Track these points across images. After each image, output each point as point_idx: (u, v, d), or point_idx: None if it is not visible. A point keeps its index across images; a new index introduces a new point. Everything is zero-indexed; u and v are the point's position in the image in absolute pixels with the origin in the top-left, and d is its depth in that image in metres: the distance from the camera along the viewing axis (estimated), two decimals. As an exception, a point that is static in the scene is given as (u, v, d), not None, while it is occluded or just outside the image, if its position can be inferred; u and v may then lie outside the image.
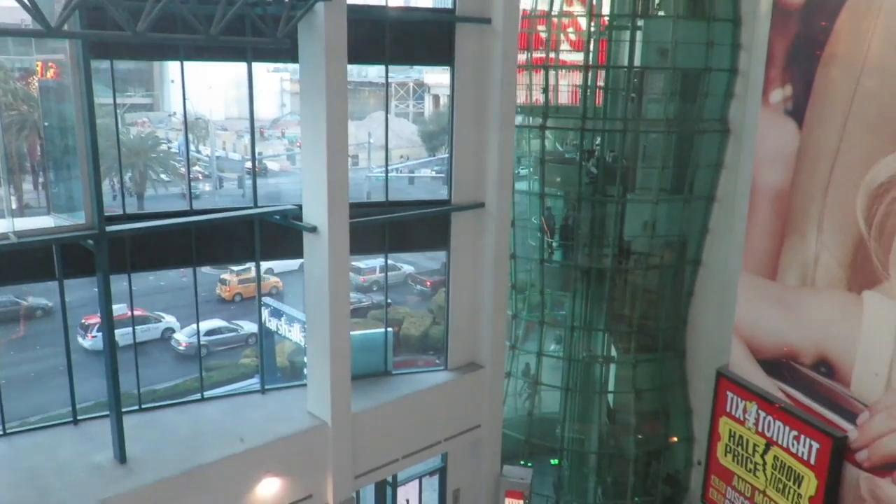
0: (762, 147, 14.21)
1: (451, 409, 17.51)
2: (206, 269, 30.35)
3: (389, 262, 31.49)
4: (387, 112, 17.76)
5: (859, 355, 12.07)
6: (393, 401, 16.51)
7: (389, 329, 17.79)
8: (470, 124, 16.70)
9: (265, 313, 18.17)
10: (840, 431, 12.42)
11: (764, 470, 13.88)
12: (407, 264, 32.21)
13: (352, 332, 15.92)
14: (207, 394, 16.27)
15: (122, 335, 25.00)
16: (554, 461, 19.86)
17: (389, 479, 17.82)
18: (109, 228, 12.79)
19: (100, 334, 23.67)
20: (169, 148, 37.21)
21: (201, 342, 18.13)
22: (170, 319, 25.14)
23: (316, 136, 13.87)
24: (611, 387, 19.51)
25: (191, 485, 13.30)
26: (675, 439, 19.69)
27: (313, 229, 14.36)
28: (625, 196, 18.30)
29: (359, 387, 16.30)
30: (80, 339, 23.11)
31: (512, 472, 19.03)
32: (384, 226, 16.44)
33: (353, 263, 17.96)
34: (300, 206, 14.95)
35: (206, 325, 24.72)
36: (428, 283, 31.41)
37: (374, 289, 30.92)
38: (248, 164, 22.09)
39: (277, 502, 14.67)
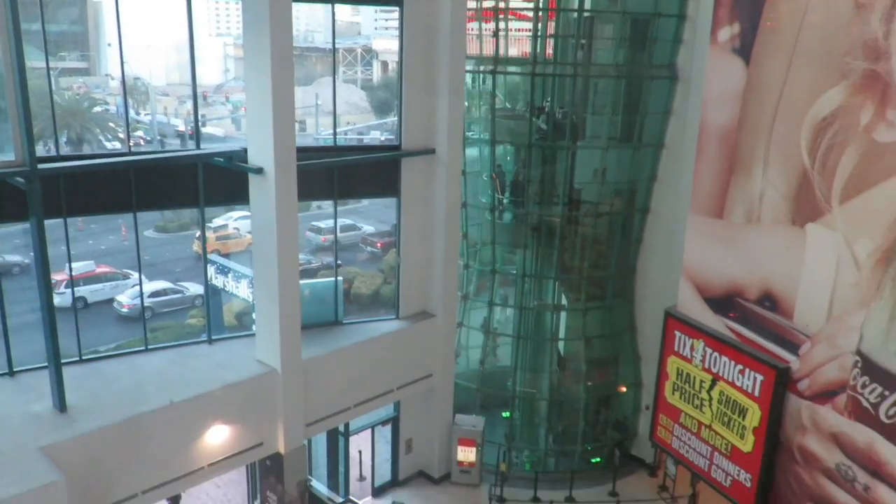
0: (710, 87, 14.33)
1: (402, 358, 17.43)
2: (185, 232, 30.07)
3: (349, 222, 31.48)
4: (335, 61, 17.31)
5: (802, 288, 12.35)
6: (344, 348, 16.33)
7: (340, 278, 17.55)
8: (420, 69, 16.41)
9: (211, 270, 17.72)
10: (783, 363, 12.74)
11: (710, 405, 14.19)
12: (368, 225, 32.07)
13: (301, 282, 15.64)
14: (152, 345, 15.82)
15: (92, 292, 24.68)
16: (505, 413, 19.96)
17: (341, 428, 17.73)
18: (41, 166, 12.20)
19: (67, 291, 23.59)
20: (106, 110, 35.94)
21: (145, 304, 17.47)
22: (136, 276, 24.93)
23: (260, 71, 13.40)
24: (561, 334, 19.65)
25: (135, 432, 12.94)
26: (624, 389, 20.00)
27: (259, 170, 13.96)
28: (575, 144, 18.29)
29: (309, 336, 16.06)
30: None
31: (464, 421, 19.13)
32: (333, 171, 16.11)
33: (314, 223, 17.68)
34: (246, 151, 14.52)
35: (150, 286, 24.18)
36: (379, 245, 31.27)
37: (361, 246, 30.71)
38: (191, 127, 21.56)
39: (227, 450, 14.41)
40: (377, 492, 18.56)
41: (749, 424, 13.31)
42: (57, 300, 22.38)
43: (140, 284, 17.62)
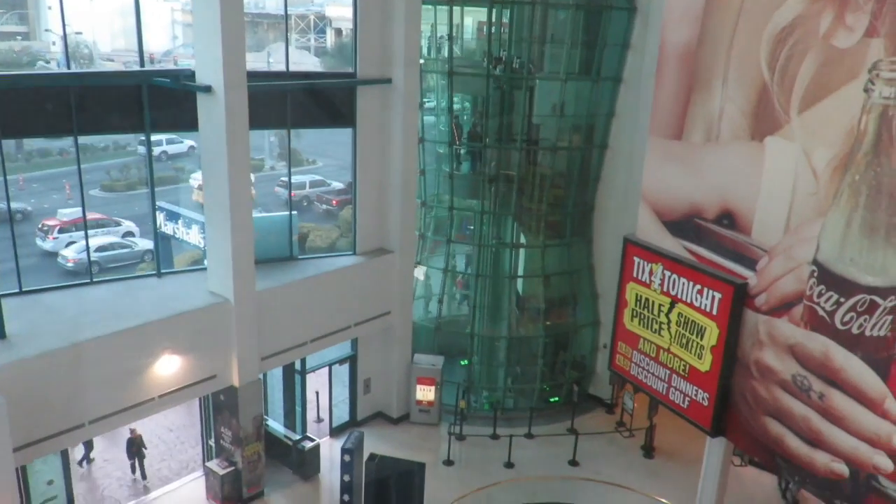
0: (671, 5, 14.15)
1: (360, 294, 17.12)
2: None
3: (318, 177, 30.95)
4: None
5: (760, 203, 12.34)
6: (299, 281, 15.96)
7: (294, 212, 17.08)
8: (376, -2, 15.95)
9: (160, 218, 17.06)
10: (740, 279, 12.76)
11: (668, 328, 14.20)
12: (337, 182, 31.56)
13: (255, 215, 15.15)
14: (97, 278, 15.20)
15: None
16: (464, 361, 19.80)
17: (298, 366, 17.39)
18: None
19: (60, 236, 22.81)
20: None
21: (91, 259, 16.65)
22: (129, 224, 24.69)
23: (207, -17, 12.80)
24: (520, 272, 19.54)
25: (80, 359, 12.43)
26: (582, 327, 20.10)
27: (207, 89, 13.39)
28: (533, 78, 18.06)
29: (263, 270, 15.66)
30: (39, 242, 23.10)
31: (423, 360, 18.97)
32: (286, 98, 15.57)
33: (282, 179, 17.13)
34: (194, 73, 13.91)
35: (96, 241, 23.34)
36: (335, 202, 30.86)
37: (305, 204, 30.16)
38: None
39: (179, 381, 13.98)
40: (335, 432, 18.32)
41: (707, 344, 13.36)
42: (49, 246, 22.80)
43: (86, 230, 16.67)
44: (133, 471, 16.28)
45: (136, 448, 16.14)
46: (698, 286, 13.52)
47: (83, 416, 12.66)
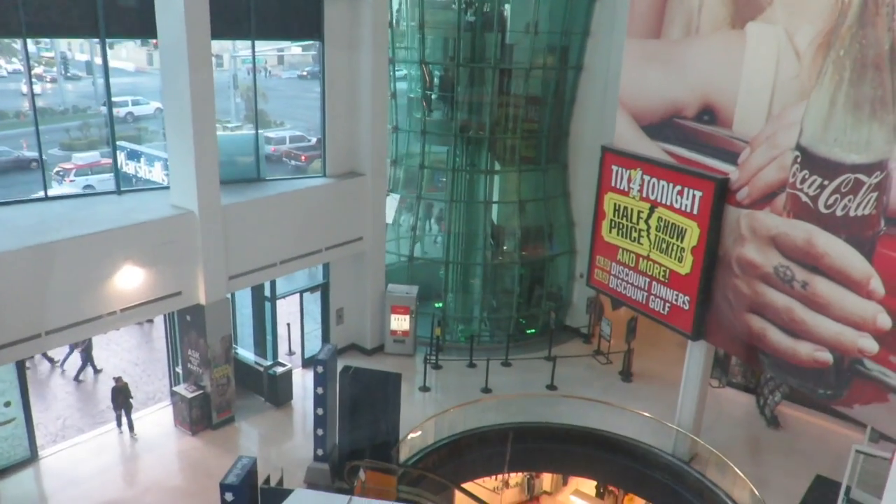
0: None
1: (330, 216, 16.58)
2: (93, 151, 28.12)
3: (299, 133, 30.11)
4: None
5: (741, 92, 12.07)
6: (267, 197, 15.38)
7: (261, 132, 16.42)
8: None
9: (121, 158, 16.28)
10: (721, 175, 12.51)
11: (647, 235, 13.94)
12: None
13: (219, 134, 14.48)
14: (52, 192, 14.47)
15: (100, 181, 22.83)
16: (438, 304, 19.32)
17: (268, 292, 16.85)
18: None
19: (77, 179, 22.88)
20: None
21: None
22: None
23: None
24: (495, 197, 19.13)
25: (36, 264, 11.77)
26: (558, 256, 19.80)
27: (166, -15, 12.67)
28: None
29: (229, 190, 15.01)
30: (56, 185, 22.45)
31: (397, 289, 18.52)
32: (249, 6, 14.87)
33: (262, 132, 16.51)
34: (151, -28, 13.16)
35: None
36: (303, 158, 30.16)
37: (274, 160, 29.43)
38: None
39: (142, 296, 13.36)
40: (307, 364, 17.81)
41: (687, 245, 13.11)
42: (69, 189, 21.87)
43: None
44: (119, 423, 14.68)
45: (122, 398, 14.53)
46: (678, 187, 13.25)
47: (40, 326, 12.00)
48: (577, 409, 16.20)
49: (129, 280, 13.04)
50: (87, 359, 17.79)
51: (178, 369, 15.63)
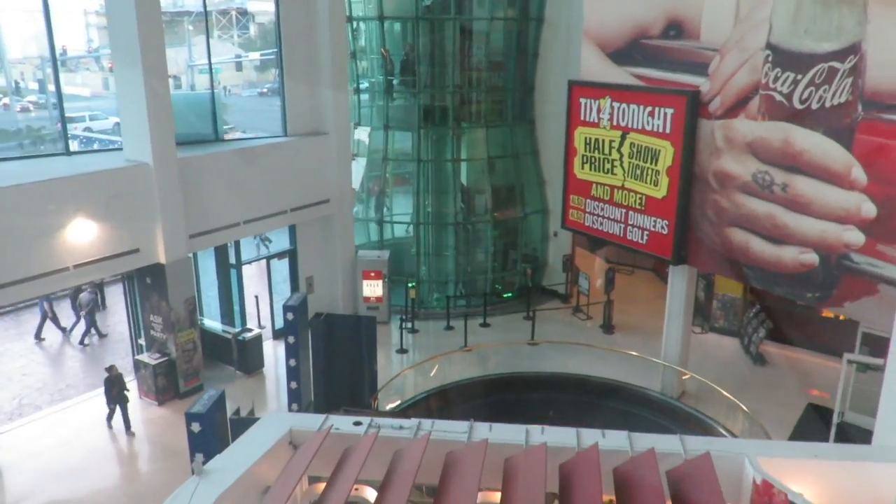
0: None
1: (294, 176, 15.99)
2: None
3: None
4: None
5: (708, 1, 11.86)
6: (226, 152, 14.81)
7: (218, 90, 15.83)
8: None
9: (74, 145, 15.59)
10: (692, 88, 12.23)
11: (621, 163, 13.59)
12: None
13: (173, 93, 13.89)
14: (-3, 155, 13.72)
15: None
16: (410, 283, 18.62)
17: (233, 258, 16.17)
18: None
19: None
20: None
21: None
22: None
23: None
24: (463, 156, 18.69)
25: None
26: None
27: (106, -82, 12.12)
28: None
29: (186, 150, 14.36)
30: None
31: (368, 254, 17.95)
32: (199, -45, 14.40)
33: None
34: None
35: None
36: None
37: None
38: None
39: (97, 251, 12.61)
40: (278, 335, 17.09)
41: (662, 167, 12.78)
42: None
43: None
44: (110, 419, 12.89)
45: (116, 390, 12.71)
46: (648, 108, 12.95)
47: (-15, 279, 11.24)
48: (559, 360, 15.75)
49: (82, 234, 12.31)
50: (91, 322, 17.25)
51: (142, 341, 14.84)
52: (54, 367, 16.16)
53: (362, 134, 18.86)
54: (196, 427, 8.89)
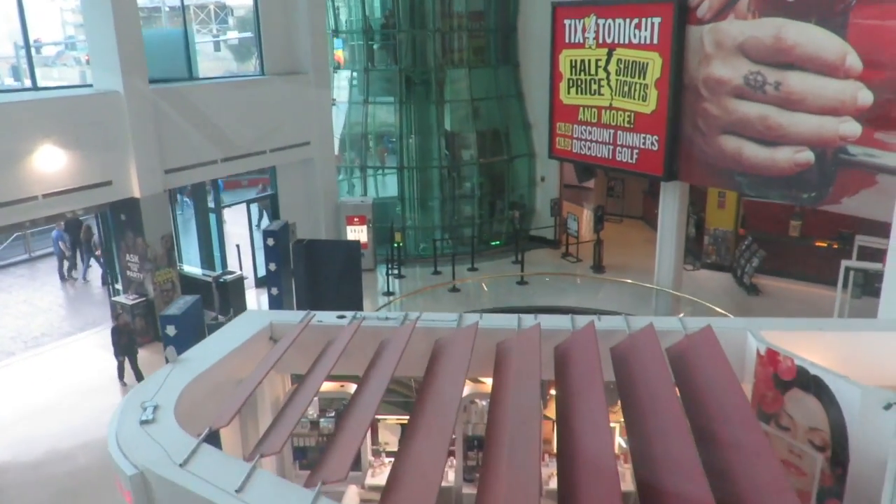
0: None
1: (273, 116, 15.53)
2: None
3: None
4: None
5: None
6: (201, 86, 14.31)
7: (192, 28, 15.33)
8: None
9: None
10: (680, -6, 11.91)
11: (608, 82, 13.25)
12: None
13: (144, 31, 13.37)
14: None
15: None
16: (396, 228, 18.21)
17: (212, 202, 15.70)
18: None
19: None
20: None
21: None
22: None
23: None
24: (447, 97, 18.25)
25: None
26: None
27: None
28: None
29: (159, 85, 13.85)
30: None
31: (351, 199, 17.52)
32: None
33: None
34: None
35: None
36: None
37: None
38: None
39: (67, 181, 12.10)
40: (260, 283, 16.63)
41: (651, 80, 12.45)
42: None
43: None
44: (121, 374, 11.92)
45: (125, 339, 11.77)
46: (635, 21, 12.60)
47: (-54, 205, 10.72)
48: (550, 297, 15.40)
49: (50, 162, 11.80)
50: (90, 256, 17.48)
51: (119, 286, 14.33)
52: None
53: (343, 80, 18.41)
54: (171, 330, 8.44)
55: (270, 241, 11.89)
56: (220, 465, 5.32)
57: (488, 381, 6.94)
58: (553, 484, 8.38)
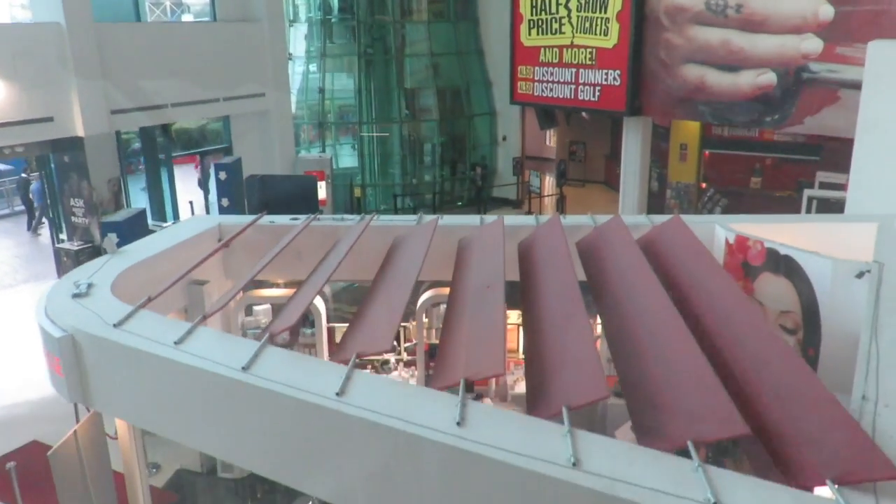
0: None
1: (226, 63, 14.96)
2: None
3: None
4: None
5: None
6: (148, 24, 13.79)
7: None
8: None
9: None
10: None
11: (569, 19, 13.07)
12: None
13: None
14: None
15: None
16: (356, 182, 17.85)
17: (162, 155, 15.11)
18: None
19: None
20: None
21: None
22: None
23: None
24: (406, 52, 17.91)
25: None
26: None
27: None
28: None
29: (102, 26, 13.23)
30: None
31: (309, 155, 17.06)
32: None
33: None
34: None
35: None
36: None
37: None
38: None
39: (5, 114, 11.46)
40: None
41: (612, 13, 12.29)
42: None
43: None
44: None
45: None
46: (597, -50, 12.40)
47: None
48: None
49: (-14, 92, 11.16)
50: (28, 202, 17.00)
51: (63, 236, 13.68)
52: None
53: (300, 34, 17.94)
54: (113, 238, 7.91)
55: (223, 175, 11.39)
56: (159, 325, 4.92)
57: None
58: (520, 389, 8.09)
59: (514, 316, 7.40)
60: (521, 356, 7.90)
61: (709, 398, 3.63)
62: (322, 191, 16.72)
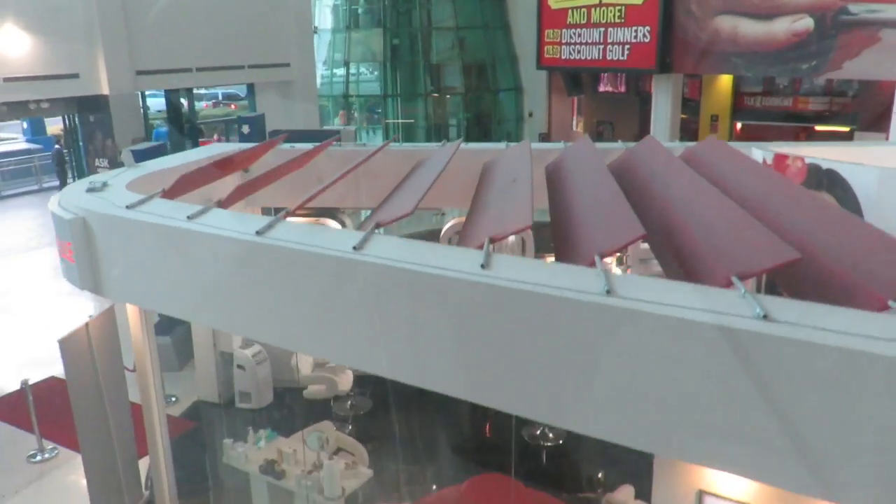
0: None
1: (251, 31, 14.95)
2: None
3: None
4: None
5: None
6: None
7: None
8: None
9: None
10: None
11: (598, -16, 12.84)
12: None
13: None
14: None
15: None
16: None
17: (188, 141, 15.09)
18: None
19: None
20: None
21: None
22: None
23: None
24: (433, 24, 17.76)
25: None
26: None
27: None
28: None
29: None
30: None
31: (333, 128, 16.92)
32: None
33: None
34: None
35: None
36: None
37: None
38: None
39: (31, 68, 11.52)
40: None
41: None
42: None
43: None
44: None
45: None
46: None
47: None
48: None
49: (13, 44, 11.18)
50: (61, 173, 16.91)
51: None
52: None
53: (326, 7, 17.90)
54: (132, 153, 7.84)
55: (246, 129, 11.28)
56: (173, 208, 4.74)
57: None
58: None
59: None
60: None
61: (751, 234, 3.36)
62: (346, 160, 16.60)
